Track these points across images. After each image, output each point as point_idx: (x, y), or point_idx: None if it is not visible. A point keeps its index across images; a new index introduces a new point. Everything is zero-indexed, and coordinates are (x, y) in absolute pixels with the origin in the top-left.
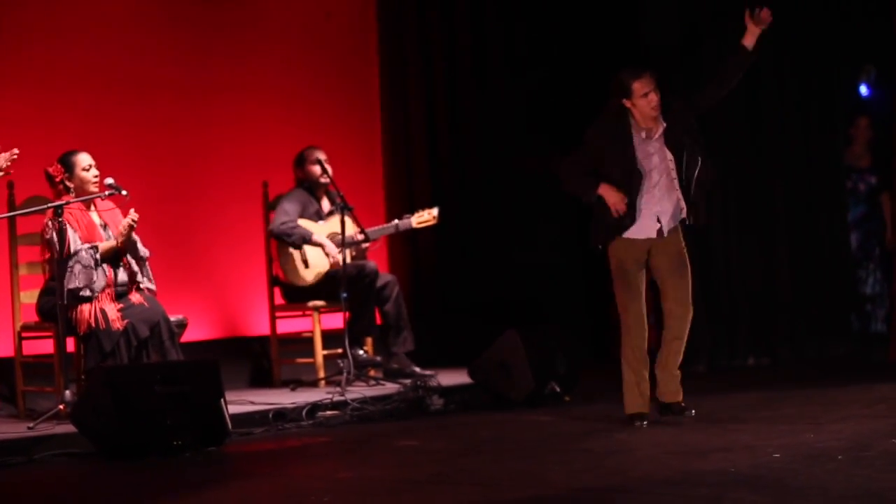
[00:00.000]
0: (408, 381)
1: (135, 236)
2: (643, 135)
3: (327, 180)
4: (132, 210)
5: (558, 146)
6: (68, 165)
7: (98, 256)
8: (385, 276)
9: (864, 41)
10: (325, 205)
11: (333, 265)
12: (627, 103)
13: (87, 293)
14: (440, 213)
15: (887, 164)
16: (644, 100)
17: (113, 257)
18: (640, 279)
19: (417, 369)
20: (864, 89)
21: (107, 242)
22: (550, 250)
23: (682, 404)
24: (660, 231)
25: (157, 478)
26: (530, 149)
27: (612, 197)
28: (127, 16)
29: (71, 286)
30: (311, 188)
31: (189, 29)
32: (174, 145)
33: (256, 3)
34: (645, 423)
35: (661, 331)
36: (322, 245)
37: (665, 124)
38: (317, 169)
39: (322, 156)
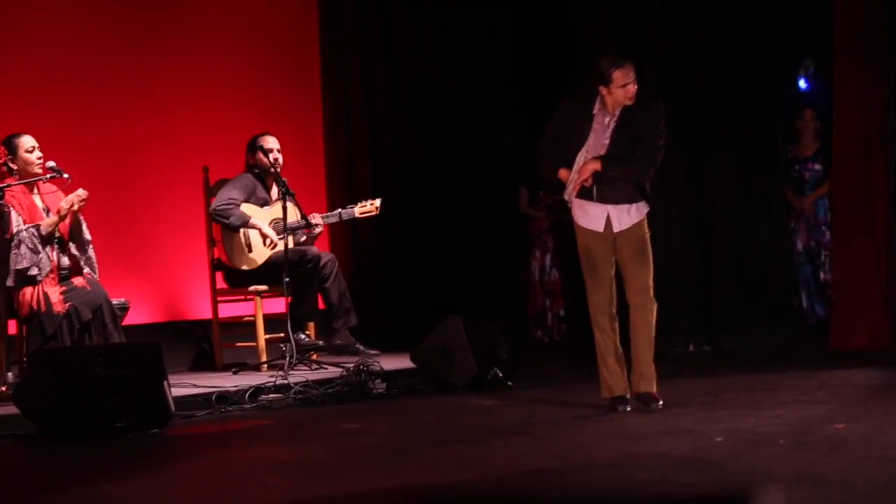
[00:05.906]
0: (351, 365)
1: (81, 217)
2: (607, 121)
3: (276, 171)
4: (81, 189)
5: (502, 133)
6: (11, 147)
7: (42, 233)
8: (325, 255)
9: (803, 34)
10: (275, 192)
11: (272, 246)
12: (603, 90)
13: (35, 271)
14: (382, 204)
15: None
16: (622, 90)
17: (58, 239)
18: (607, 268)
19: (361, 346)
20: (802, 83)
21: (49, 220)
22: (491, 237)
23: (653, 394)
24: (608, 222)
25: (99, 460)
26: (472, 136)
27: (567, 182)
28: (69, 2)
29: (18, 267)
30: (261, 175)
31: (131, 15)
32: (115, 131)
33: None
34: (626, 407)
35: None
36: (259, 228)
37: (619, 116)
38: (266, 159)
39: (275, 145)
